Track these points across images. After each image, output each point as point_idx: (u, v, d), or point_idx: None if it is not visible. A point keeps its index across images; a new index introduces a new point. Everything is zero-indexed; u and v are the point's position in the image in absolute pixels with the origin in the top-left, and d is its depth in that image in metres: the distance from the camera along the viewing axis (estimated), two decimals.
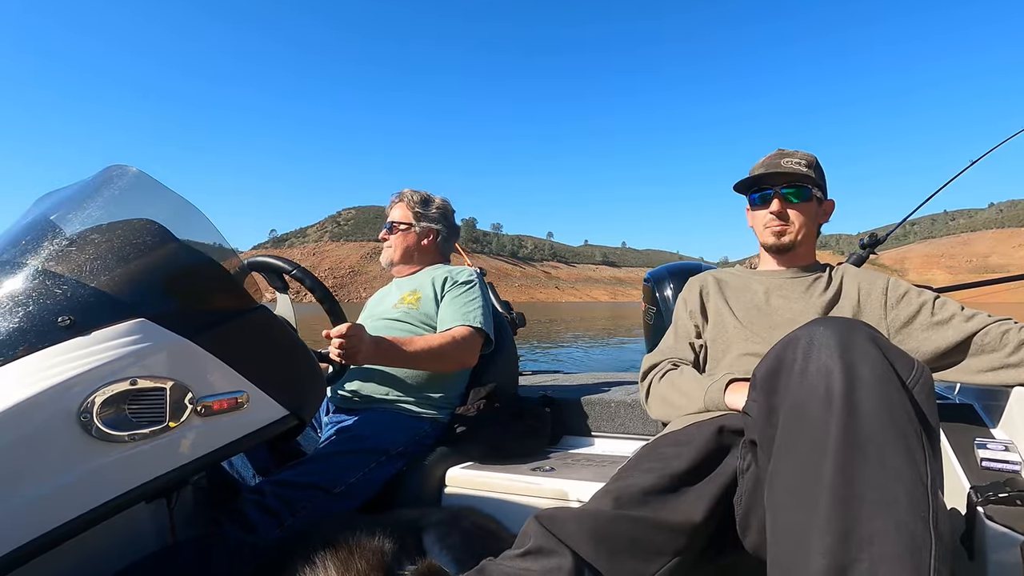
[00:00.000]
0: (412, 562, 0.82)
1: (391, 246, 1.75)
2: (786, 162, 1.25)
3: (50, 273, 0.77)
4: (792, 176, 1.24)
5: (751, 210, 1.32)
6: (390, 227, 1.76)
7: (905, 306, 1.17)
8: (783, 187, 1.25)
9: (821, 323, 0.70)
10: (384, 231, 1.77)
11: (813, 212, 1.28)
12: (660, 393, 1.18)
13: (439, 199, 1.81)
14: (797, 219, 1.26)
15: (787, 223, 1.25)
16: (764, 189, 1.27)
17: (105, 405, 0.71)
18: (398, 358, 1.40)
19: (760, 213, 1.29)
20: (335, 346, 1.25)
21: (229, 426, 0.83)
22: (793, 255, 1.30)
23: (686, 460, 0.83)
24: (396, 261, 1.75)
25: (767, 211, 1.26)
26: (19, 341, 0.70)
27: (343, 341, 1.24)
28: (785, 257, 1.30)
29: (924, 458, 0.61)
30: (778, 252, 1.30)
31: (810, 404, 0.65)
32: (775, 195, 1.25)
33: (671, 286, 1.92)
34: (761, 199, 1.28)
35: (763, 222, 1.28)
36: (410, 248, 1.75)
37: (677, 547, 0.76)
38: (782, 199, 1.24)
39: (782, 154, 1.28)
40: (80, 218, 0.88)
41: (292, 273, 1.23)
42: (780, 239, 1.26)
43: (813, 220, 1.29)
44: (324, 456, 1.30)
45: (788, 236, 1.26)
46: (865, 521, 0.58)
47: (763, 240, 1.30)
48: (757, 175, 1.26)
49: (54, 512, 0.67)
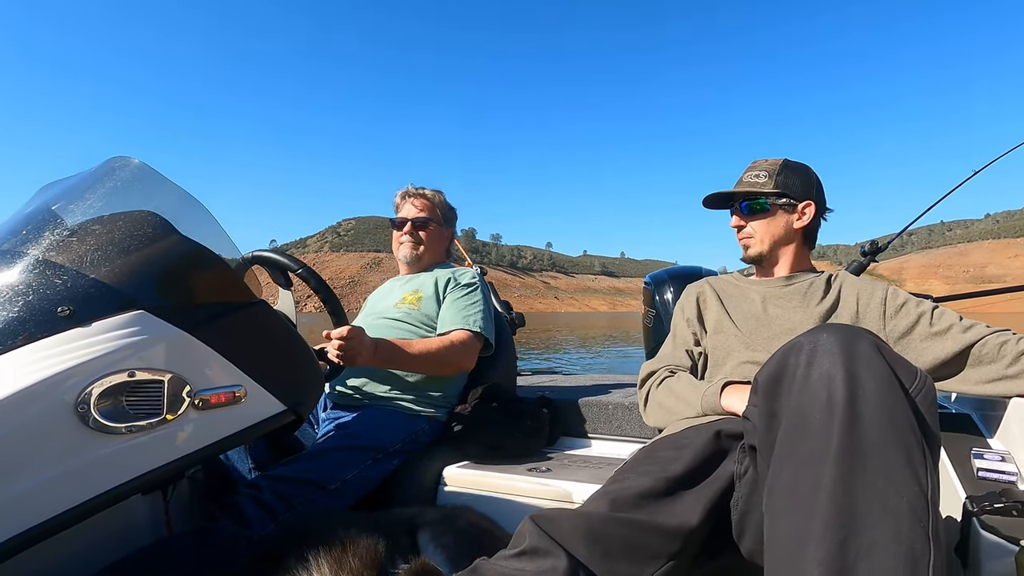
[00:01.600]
0: (406, 560, 0.82)
1: (416, 243, 1.71)
2: (747, 176, 1.31)
3: (50, 263, 0.77)
4: (747, 192, 1.30)
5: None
6: (422, 223, 1.71)
7: (904, 316, 1.17)
8: (741, 201, 1.31)
9: (825, 330, 0.70)
10: (408, 226, 1.71)
11: (779, 221, 1.28)
12: (657, 399, 1.18)
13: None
14: (758, 230, 1.30)
15: (750, 236, 1.31)
16: (729, 206, 1.36)
17: (103, 396, 0.70)
18: (397, 361, 1.40)
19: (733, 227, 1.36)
20: (335, 348, 1.24)
21: (226, 420, 0.83)
22: (771, 264, 1.33)
23: (683, 464, 0.83)
24: (422, 257, 1.72)
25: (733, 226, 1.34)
26: (18, 330, 0.70)
27: (343, 343, 1.24)
28: (762, 267, 1.34)
29: (925, 467, 0.60)
30: (752, 263, 1.36)
31: (812, 410, 0.65)
32: (735, 210, 1.33)
33: (671, 289, 1.92)
34: (731, 214, 1.35)
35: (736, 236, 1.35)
36: (433, 247, 1.74)
37: (672, 551, 0.76)
38: (740, 214, 1.32)
39: (750, 167, 1.33)
40: (82, 208, 0.88)
41: (298, 272, 1.22)
42: (747, 251, 1.33)
43: (782, 228, 1.29)
44: (321, 452, 1.30)
45: (754, 248, 1.31)
46: (864, 530, 0.57)
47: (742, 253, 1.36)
48: (724, 194, 1.33)
49: (49, 502, 0.67)
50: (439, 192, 1.79)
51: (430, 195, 1.77)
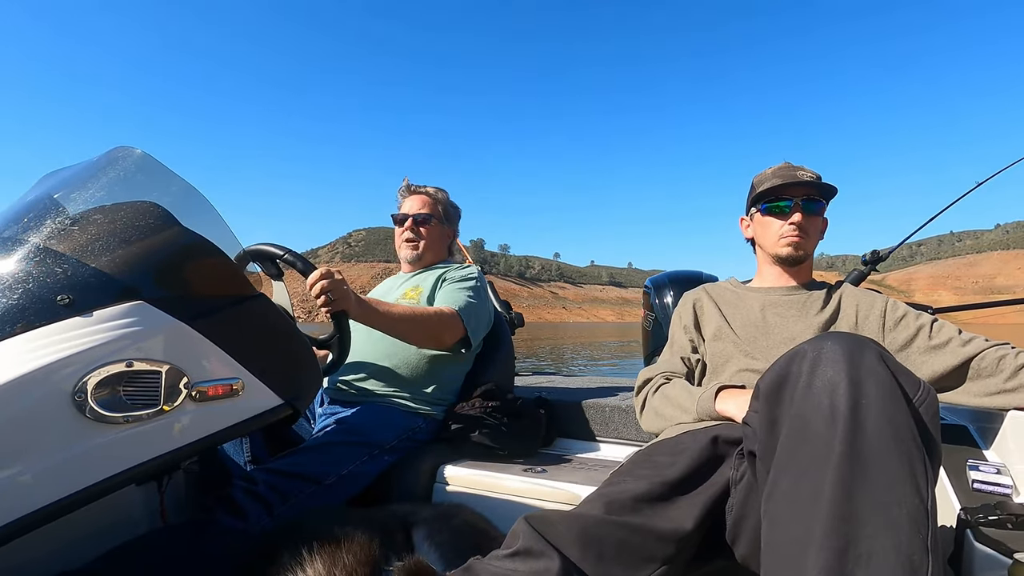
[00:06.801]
0: (400, 557, 0.81)
1: (418, 240, 1.70)
2: (801, 174, 1.24)
3: (51, 251, 0.77)
4: (811, 187, 1.23)
5: (763, 219, 1.29)
6: (422, 220, 1.70)
7: (903, 329, 1.17)
8: (803, 198, 1.23)
9: (829, 338, 0.70)
10: (409, 222, 1.70)
11: (821, 226, 1.29)
12: (653, 406, 1.18)
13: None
14: (813, 231, 1.26)
15: (805, 235, 1.24)
16: (782, 199, 1.25)
17: (100, 386, 0.70)
18: (380, 316, 1.35)
19: (775, 223, 1.26)
20: (317, 292, 1.20)
21: (223, 412, 0.83)
22: (800, 269, 1.30)
23: (679, 468, 0.83)
24: (424, 255, 1.71)
25: (785, 221, 1.24)
26: (17, 318, 0.70)
27: (325, 283, 1.20)
28: (795, 270, 1.30)
29: (926, 478, 0.60)
30: (791, 264, 1.28)
31: (814, 418, 0.64)
32: (795, 206, 1.23)
33: (671, 293, 1.93)
34: (778, 209, 1.25)
35: (779, 232, 1.25)
36: (435, 245, 1.73)
37: (666, 555, 0.76)
38: (802, 210, 1.23)
39: (793, 166, 1.28)
40: (83, 198, 0.88)
41: (283, 257, 1.20)
42: (797, 251, 1.25)
43: (820, 233, 1.29)
44: (317, 447, 1.30)
45: (803, 248, 1.25)
46: (864, 539, 0.57)
47: (776, 251, 1.27)
48: (778, 185, 1.24)
49: (45, 491, 0.67)
50: (441, 189, 1.79)
51: (432, 192, 1.76)
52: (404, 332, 1.43)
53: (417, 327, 1.43)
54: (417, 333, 1.44)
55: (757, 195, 1.28)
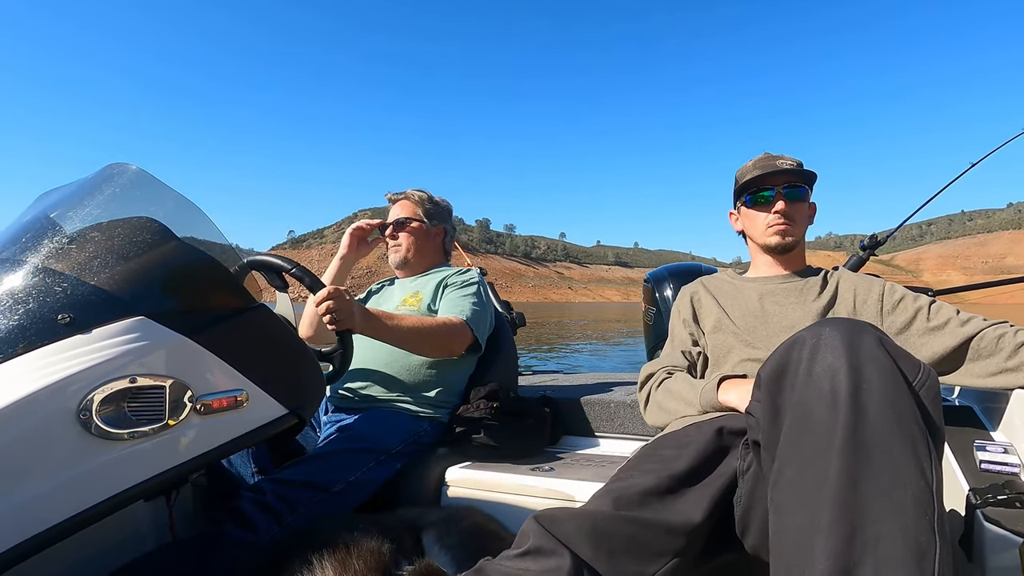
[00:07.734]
0: (410, 562, 0.82)
1: (401, 245, 1.71)
2: (781, 163, 1.26)
3: (50, 271, 0.77)
4: (791, 175, 1.25)
5: (748, 212, 1.31)
6: (401, 224, 1.71)
7: (901, 312, 1.17)
8: (784, 186, 1.25)
9: (828, 324, 0.70)
10: (389, 229, 1.73)
11: (807, 212, 1.30)
12: (657, 400, 1.18)
13: (439, 198, 1.81)
14: (799, 217, 1.27)
15: (791, 222, 1.25)
16: (764, 190, 1.26)
17: (105, 403, 0.71)
18: (388, 330, 1.36)
19: (760, 214, 1.28)
20: (323, 311, 1.21)
21: (228, 424, 0.83)
22: (793, 256, 1.30)
23: (686, 461, 0.83)
24: (409, 260, 1.72)
25: (769, 212, 1.26)
26: (19, 339, 0.70)
27: (331, 303, 1.20)
28: (786, 258, 1.30)
29: (930, 460, 0.60)
30: (781, 252, 1.29)
31: (816, 405, 0.65)
32: (778, 195, 1.24)
33: (671, 287, 1.93)
34: (762, 199, 1.27)
35: (765, 223, 1.27)
36: (422, 246, 1.73)
37: (676, 548, 0.76)
38: (785, 198, 1.24)
39: (772, 156, 1.29)
40: (80, 216, 0.88)
41: (291, 272, 1.21)
42: (784, 239, 1.26)
43: (808, 219, 1.30)
44: (323, 455, 1.29)
45: (792, 236, 1.26)
46: (870, 524, 0.57)
47: (765, 242, 1.28)
48: (758, 176, 1.25)
49: (53, 510, 0.67)
50: (420, 191, 1.79)
51: (409, 193, 1.77)
52: (414, 345, 1.44)
53: (426, 339, 1.43)
54: (426, 345, 1.45)
55: (740, 188, 1.31)
